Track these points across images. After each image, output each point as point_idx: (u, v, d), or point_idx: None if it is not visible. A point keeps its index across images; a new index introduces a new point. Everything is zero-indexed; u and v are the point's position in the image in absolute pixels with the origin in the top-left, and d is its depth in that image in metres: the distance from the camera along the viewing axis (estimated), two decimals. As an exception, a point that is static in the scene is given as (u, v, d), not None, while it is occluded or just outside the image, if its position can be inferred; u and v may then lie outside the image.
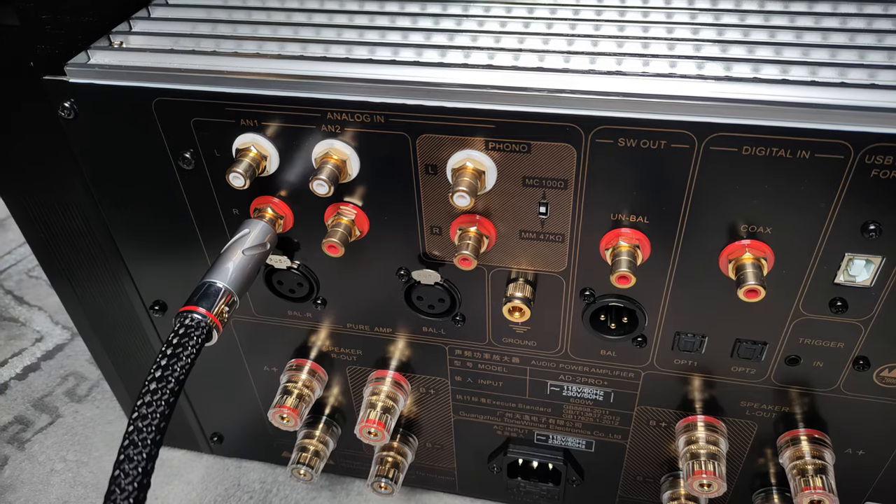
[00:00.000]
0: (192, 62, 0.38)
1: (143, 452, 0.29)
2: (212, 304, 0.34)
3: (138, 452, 0.29)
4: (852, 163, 0.32)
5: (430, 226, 0.39)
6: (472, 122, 0.34)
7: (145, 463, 0.29)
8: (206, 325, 0.33)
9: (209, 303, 0.35)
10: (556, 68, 0.35)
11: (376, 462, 0.51)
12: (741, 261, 0.35)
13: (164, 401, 0.30)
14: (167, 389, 0.31)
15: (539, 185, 0.36)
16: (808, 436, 0.43)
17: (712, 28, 0.38)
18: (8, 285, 0.82)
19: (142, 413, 0.30)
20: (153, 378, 0.31)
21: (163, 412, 0.30)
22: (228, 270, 0.36)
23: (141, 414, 0.30)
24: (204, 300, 0.35)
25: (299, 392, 0.47)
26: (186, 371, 0.32)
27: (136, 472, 0.28)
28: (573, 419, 0.48)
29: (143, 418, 0.30)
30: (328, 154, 0.37)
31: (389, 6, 0.42)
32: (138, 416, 0.30)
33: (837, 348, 0.39)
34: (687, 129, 0.32)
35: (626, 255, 0.36)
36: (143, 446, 0.29)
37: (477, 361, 0.46)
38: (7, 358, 0.73)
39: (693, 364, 0.42)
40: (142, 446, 0.29)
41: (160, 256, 0.45)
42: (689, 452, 0.44)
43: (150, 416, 0.30)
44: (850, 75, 0.33)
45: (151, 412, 0.30)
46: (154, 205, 0.42)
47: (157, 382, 0.31)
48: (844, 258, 0.35)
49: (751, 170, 0.33)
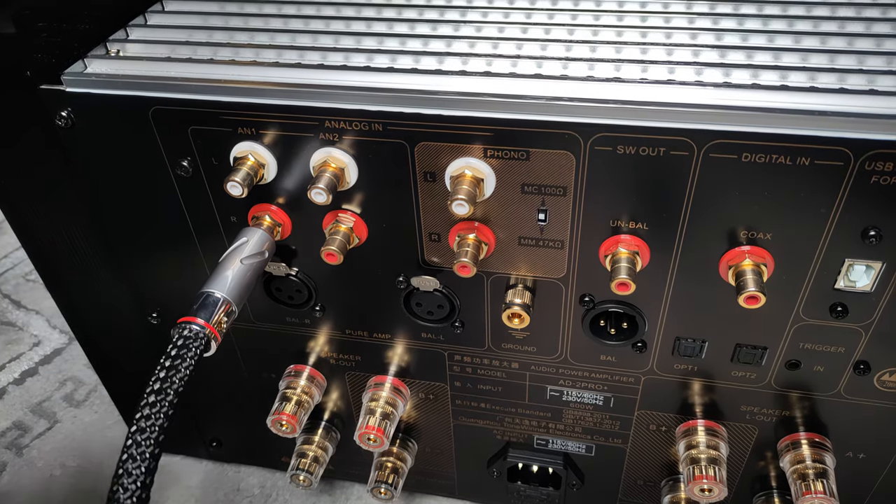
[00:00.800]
0: (189, 70, 0.38)
1: (142, 466, 0.29)
2: (210, 315, 0.34)
3: (137, 466, 0.29)
4: (852, 169, 0.31)
5: (429, 233, 0.39)
6: (470, 129, 0.34)
7: (144, 477, 0.28)
8: (205, 336, 0.33)
9: (207, 313, 0.34)
10: (554, 75, 0.35)
11: (375, 467, 0.51)
12: (741, 267, 0.35)
13: (162, 413, 0.30)
14: (166, 402, 0.30)
15: (538, 192, 0.36)
16: (809, 439, 0.43)
17: (710, 33, 0.38)
18: (5, 289, 0.82)
19: (140, 426, 0.30)
20: (152, 391, 0.31)
21: (161, 425, 0.30)
22: (227, 280, 0.36)
23: (139, 427, 0.30)
24: (202, 311, 0.34)
25: (298, 399, 0.47)
26: (185, 383, 0.32)
27: (135, 486, 0.28)
28: (573, 424, 0.48)
29: (142, 431, 0.30)
30: (326, 162, 0.36)
31: (386, 12, 0.42)
32: (137, 430, 0.30)
33: (838, 353, 0.39)
34: (686, 137, 0.32)
35: (625, 261, 0.36)
36: (141, 460, 0.29)
37: (476, 367, 0.46)
38: (5, 363, 0.73)
39: (693, 369, 0.42)
40: (140, 460, 0.29)
41: (158, 264, 0.45)
42: (690, 457, 0.44)
43: (149, 429, 0.30)
44: (849, 81, 0.33)
45: (150, 425, 0.30)
46: (152, 213, 0.42)
47: (155, 395, 0.31)
48: (844, 264, 0.35)
49: (750, 176, 0.33)
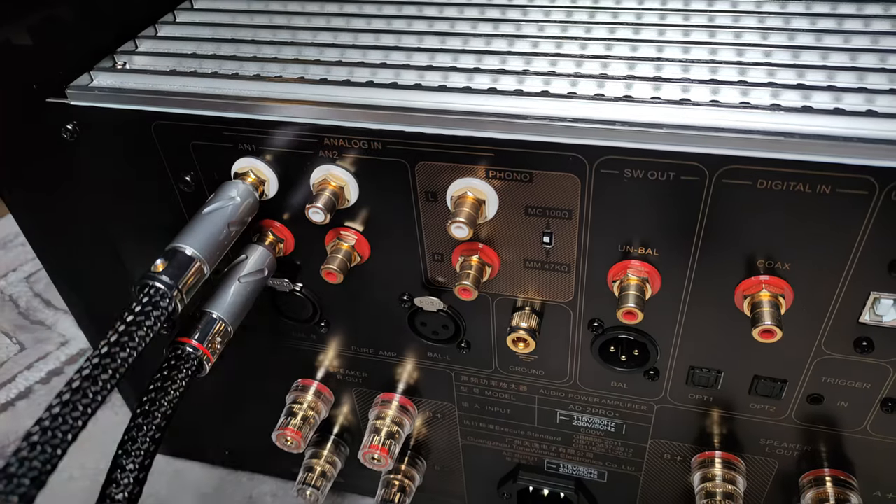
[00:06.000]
0: (193, 84, 0.37)
1: (126, 492, 0.28)
2: (204, 336, 0.34)
3: (120, 491, 0.28)
4: (878, 199, 0.29)
5: (432, 252, 0.38)
6: (472, 150, 0.33)
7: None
8: (196, 358, 0.33)
9: (202, 334, 0.34)
10: (560, 94, 0.33)
11: (383, 485, 0.50)
12: (757, 297, 0.33)
13: (148, 437, 0.30)
14: (153, 425, 0.30)
15: (542, 215, 0.34)
16: (833, 477, 0.41)
17: (731, 48, 0.36)
18: (36, 289, 0.84)
19: (126, 450, 0.29)
20: (140, 412, 0.30)
21: (147, 449, 0.29)
22: (223, 299, 0.36)
23: (125, 450, 0.29)
24: (197, 330, 0.34)
25: (304, 414, 0.47)
26: (174, 406, 0.31)
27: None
28: (584, 449, 0.46)
29: (127, 455, 0.29)
30: (326, 180, 0.36)
31: (396, 24, 0.41)
32: (122, 453, 0.29)
33: (863, 389, 0.37)
34: (697, 161, 0.30)
35: (633, 288, 0.34)
36: (124, 486, 0.28)
37: (484, 388, 0.45)
38: (32, 362, 0.74)
39: (709, 399, 0.40)
40: (123, 486, 0.28)
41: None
42: (705, 490, 0.42)
43: (134, 453, 0.29)
44: (878, 102, 0.31)
45: (135, 449, 0.29)
46: (158, 226, 0.42)
47: (142, 417, 0.30)
48: (870, 297, 0.33)
49: (767, 204, 0.31)
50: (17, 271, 0.86)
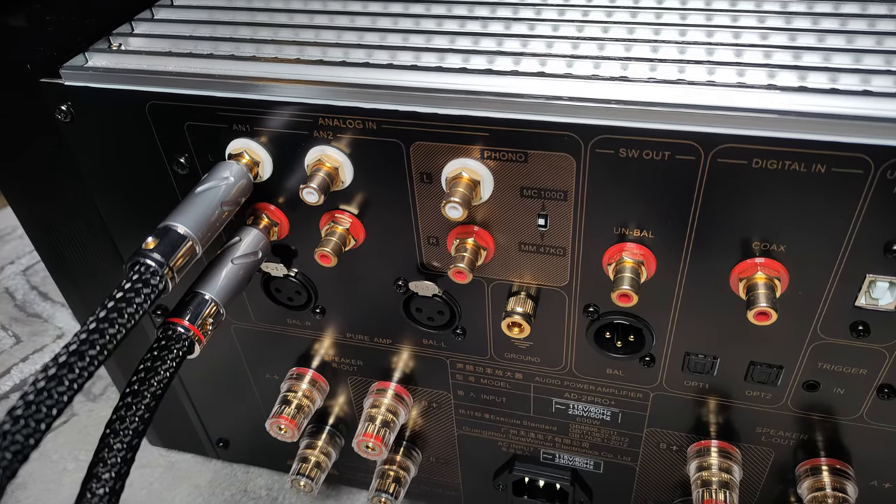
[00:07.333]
0: (188, 65, 0.37)
1: (113, 471, 0.28)
2: (196, 317, 0.34)
3: (107, 470, 0.28)
4: (873, 178, 0.29)
5: (427, 236, 0.38)
6: (467, 129, 0.33)
7: (114, 483, 0.28)
8: (188, 339, 0.32)
9: (193, 315, 0.34)
10: (556, 73, 0.33)
11: (377, 476, 0.50)
12: (753, 280, 0.33)
13: (137, 416, 0.29)
14: (142, 405, 0.30)
15: (538, 197, 0.34)
16: (830, 466, 0.40)
17: (728, 31, 0.36)
18: (34, 281, 0.83)
19: (114, 428, 0.29)
20: (129, 392, 0.30)
21: (136, 429, 0.29)
22: (216, 280, 0.35)
23: (113, 430, 0.29)
24: (188, 311, 0.34)
25: (298, 402, 0.46)
26: (164, 386, 0.31)
27: (104, 490, 0.27)
28: (580, 438, 0.46)
29: (115, 434, 0.29)
30: (320, 161, 0.35)
31: (393, 7, 0.41)
32: (111, 433, 0.29)
33: (859, 375, 0.36)
34: (692, 140, 0.30)
35: (628, 271, 0.34)
36: (111, 465, 0.28)
37: (479, 376, 0.44)
38: (28, 354, 0.74)
39: (705, 386, 0.40)
40: (111, 465, 0.28)
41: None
42: (701, 479, 0.41)
43: (123, 432, 0.29)
44: (874, 82, 0.31)
45: (124, 428, 0.29)
46: (152, 209, 0.42)
47: (131, 397, 0.30)
48: (866, 280, 0.32)
49: (762, 184, 0.31)
50: (14, 264, 0.86)
